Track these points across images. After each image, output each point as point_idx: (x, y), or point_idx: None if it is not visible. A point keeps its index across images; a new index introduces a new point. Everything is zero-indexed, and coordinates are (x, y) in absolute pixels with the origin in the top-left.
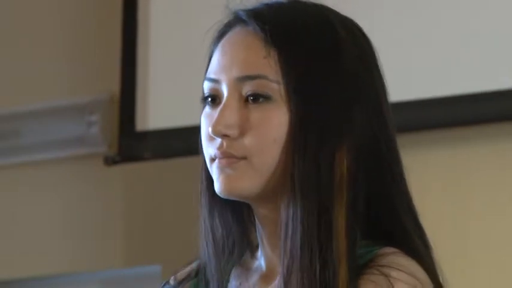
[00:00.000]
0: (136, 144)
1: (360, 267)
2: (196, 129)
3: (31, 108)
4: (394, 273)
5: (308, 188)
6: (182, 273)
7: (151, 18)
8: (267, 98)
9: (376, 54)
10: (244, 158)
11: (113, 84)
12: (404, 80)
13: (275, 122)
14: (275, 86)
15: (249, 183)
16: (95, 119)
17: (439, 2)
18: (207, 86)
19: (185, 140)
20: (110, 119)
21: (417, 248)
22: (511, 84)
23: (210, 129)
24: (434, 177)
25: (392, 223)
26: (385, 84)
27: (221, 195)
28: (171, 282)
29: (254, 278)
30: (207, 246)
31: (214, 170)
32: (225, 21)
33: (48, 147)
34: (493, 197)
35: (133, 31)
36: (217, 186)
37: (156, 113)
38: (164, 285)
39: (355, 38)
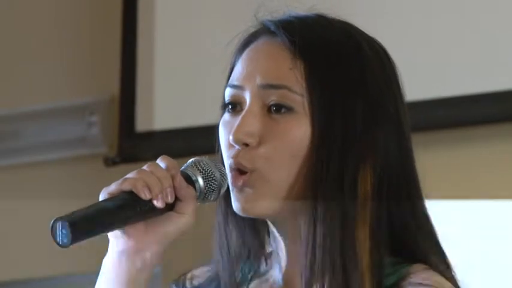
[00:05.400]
0: (137, 145)
1: (391, 286)
2: (197, 130)
3: (31, 109)
4: None
5: (331, 205)
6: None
7: (151, 19)
8: (289, 110)
9: (399, 75)
10: (253, 170)
11: (113, 85)
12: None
13: (296, 135)
14: (299, 98)
15: (267, 202)
16: (94, 119)
17: (442, 3)
18: (228, 92)
19: (186, 141)
20: (110, 119)
21: (439, 266)
22: None
23: (230, 137)
24: (437, 178)
25: (412, 243)
26: (405, 103)
27: (239, 214)
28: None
29: None
30: (222, 256)
31: (231, 186)
32: (251, 31)
33: (47, 148)
34: (496, 197)
35: (133, 32)
36: (234, 205)
37: (156, 114)
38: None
39: (379, 57)
